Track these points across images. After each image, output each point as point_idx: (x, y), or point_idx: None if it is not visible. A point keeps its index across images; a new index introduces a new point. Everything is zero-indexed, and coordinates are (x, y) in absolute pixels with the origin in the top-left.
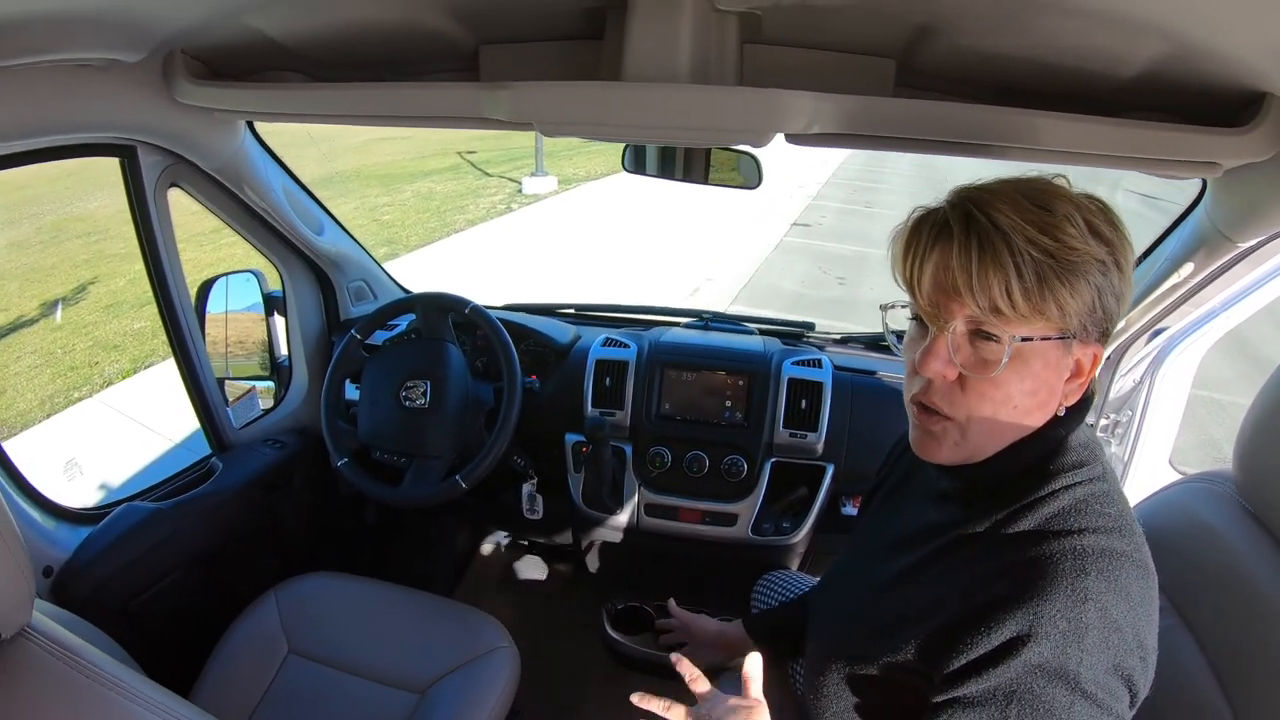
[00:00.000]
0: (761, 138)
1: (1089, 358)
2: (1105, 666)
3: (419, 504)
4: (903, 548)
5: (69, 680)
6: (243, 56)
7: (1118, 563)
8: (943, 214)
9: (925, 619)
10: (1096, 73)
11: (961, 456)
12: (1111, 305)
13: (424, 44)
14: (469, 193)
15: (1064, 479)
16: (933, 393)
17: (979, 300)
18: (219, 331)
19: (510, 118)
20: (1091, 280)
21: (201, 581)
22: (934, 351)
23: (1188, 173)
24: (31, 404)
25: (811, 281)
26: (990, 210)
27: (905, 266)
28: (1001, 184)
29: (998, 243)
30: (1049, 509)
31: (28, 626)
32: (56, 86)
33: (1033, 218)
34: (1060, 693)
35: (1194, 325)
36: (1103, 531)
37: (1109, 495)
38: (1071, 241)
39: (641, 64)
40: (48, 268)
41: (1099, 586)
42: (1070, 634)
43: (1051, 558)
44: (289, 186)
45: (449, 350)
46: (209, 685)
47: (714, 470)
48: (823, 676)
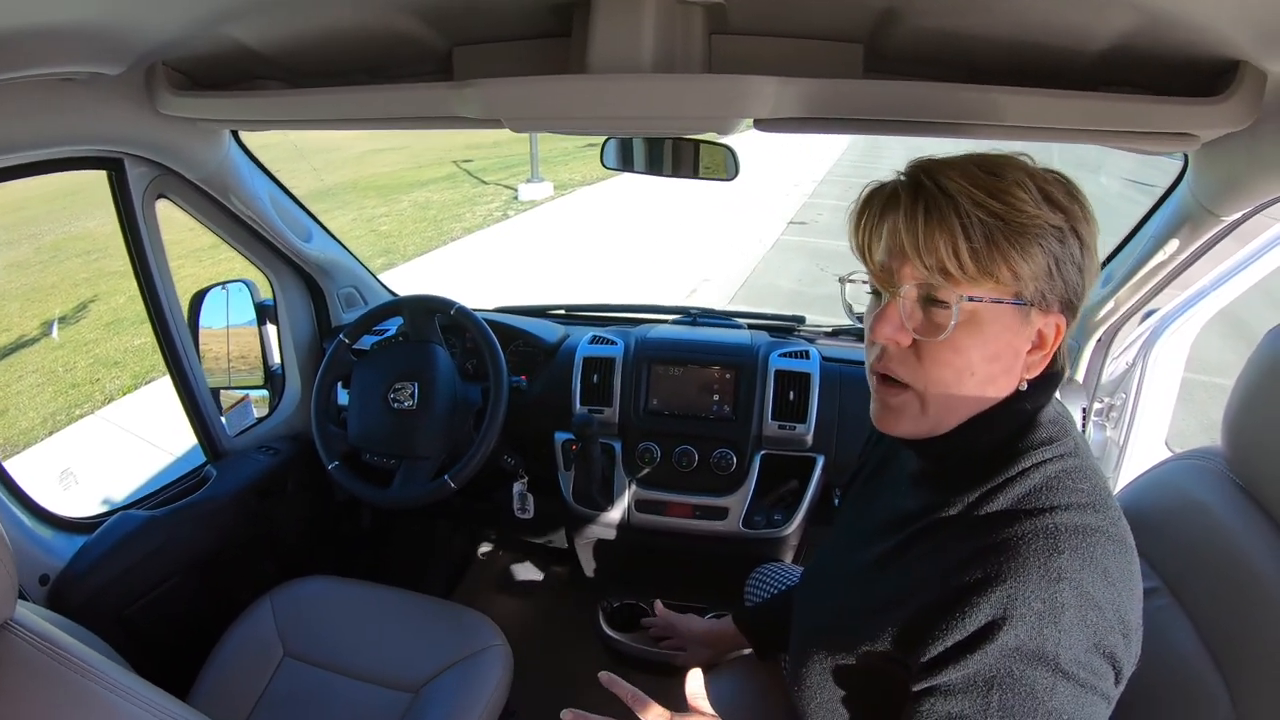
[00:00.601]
0: (727, 124)
1: (1051, 328)
2: (1085, 645)
3: (409, 504)
4: (879, 535)
5: (54, 674)
6: (223, 66)
7: (1092, 539)
8: (893, 184)
9: (901, 606)
10: (1067, 49)
11: (923, 429)
12: (1073, 276)
13: (398, 48)
14: (465, 201)
15: (1034, 456)
16: (890, 360)
17: (926, 260)
18: (212, 342)
19: (479, 114)
20: (1046, 246)
21: (197, 588)
22: (885, 316)
23: (1167, 146)
24: (34, 422)
25: (809, 279)
26: (938, 176)
27: (858, 236)
28: (956, 156)
29: (944, 205)
30: (1020, 488)
31: (12, 620)
32: (39, 101)
33: (981, 183)
34: (1041, 675)
35: (1185, 305)
36: (1075, 508)
37: (1081, 471)
38: (1021, 205)
39: (605, 56)
40: (48, 287)
41: (1073, 564)
42: (1046, 614)
43: (1023, 538)
44: (276, 195)
45: (436, 352)
46: (205, 689)
47: (703, 464)
48: (805, 668)
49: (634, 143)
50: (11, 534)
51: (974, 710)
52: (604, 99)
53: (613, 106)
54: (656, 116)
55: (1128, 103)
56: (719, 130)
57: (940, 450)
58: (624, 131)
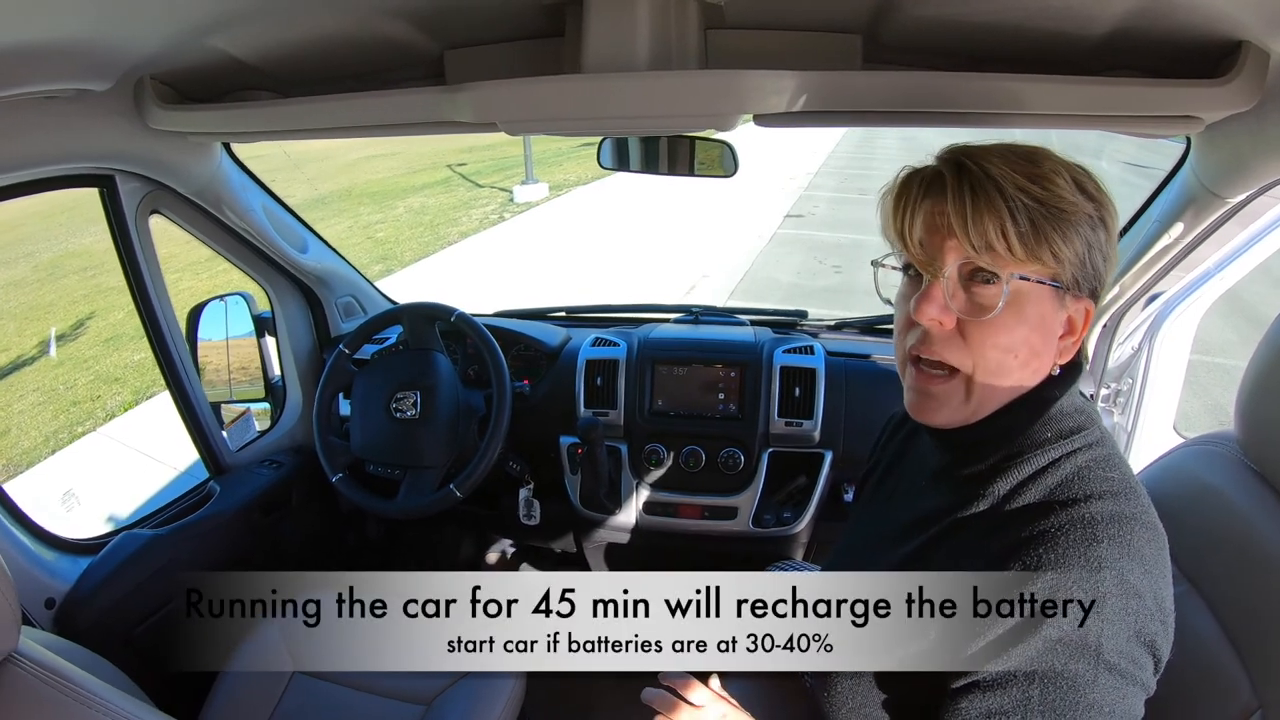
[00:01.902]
0: (726, 121)
1: (1080, 314)
2: (1127, 634)
3: (415, 515)
4: (901, 537)
5: (60, 707)
6: (211, 79)
7: (1129, 527)
8: (933, 168)
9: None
10: (1068, 34)
11: (962, 417)
12: (1100, 264)
13: (389, 54)
14: (461, 205)
15: (1063, 446)
16: (933, 343)
17: (974, 239)
18: (211, 356)
19: (473, 119)
20: (1082, 233)
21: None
22: (930, 296)
23: (1170, 129)
24: (36, 441)
25: (808, 272)
26: (981, 161)
27: (896, 219)
28: (991, 144)
29: (990, 189)
30: (1052, 479)
31: (15, 652)
32: (27, 120)
33: (1022, 169)
34: (1083, 667)
35: (1189, 288)
36: (1109, 496)
37: (1109, 460)
38: (1061, 192)
39: (600, 55)
40: (46, 305)
41: (1113, 553)
42: (1088, 605)
43: (1061, 528)
44: (270, 206)
45: (437, 359)
46: (215, 709)
47: (711, 464)
48: (835, 675)
49: (630, 142)
50: (15, 558)
51: (1014, 705)
52: (600, 99)
53: (609, 106)
54: (654, 115)
55: (1131, 86)
56: (718, 127)
57: (971, 439)
58: (621, 131)
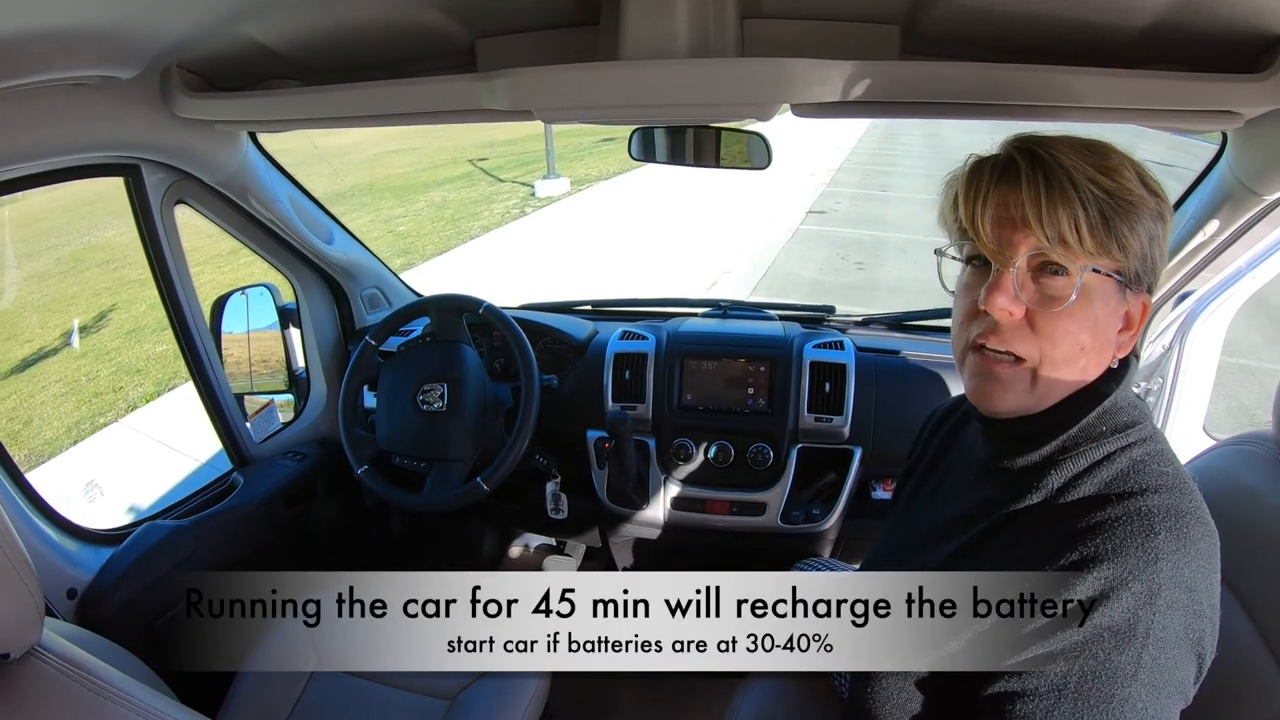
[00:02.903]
0: (766, 110)
1: (1139, 308)
2: (1176, 631)
3: (441, 508)
4: (948, 532)
5: (81, 699)
6: (239, 67)
7: (1185, 521)
8: (1004, 155)
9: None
10: (1108, 25)
11: (1025, 405)
12: (1157, 258)
13: (420, 42)
14: (482, 199)
15: (1117, 440)
16: (1004, 333)
17: (1048, 231)
18: (235, 347)
19: (508, 106)
20: (1146, 226)
21: None
22: (1000, 286)
23: (1208, 124)
24: (58, 432)
25: (830, 268)
26: (1053, 150)
27: (966, 207)
28: (1057, 134)
29: (1063, 180)
30: (1106, 473)
31: (39, 645)
32: (53, 108)
33: (1092, 160)
34: (1125, 660)
35: (1220, 288)
36: (1165, 490)
37: (1163, 455)
38: (1129, 184)
39: (638, 42)
40: (68, 297)
41: (1170, 545)
42: (1143, 596)
43: (1118, 520)
44: (295, 196)
45: (464, 352)
46: (238, 702)
47: (740, 459)
48: (878, 675)
49: (657, 133)
50: (37, 548)
51: (1048, 688)
52: (639, 86)
53: (649, 94)
54: (695, 104)
55: (1169, 80)
56: (759, 116)
57: (1025, 430)
58: (659, 120)
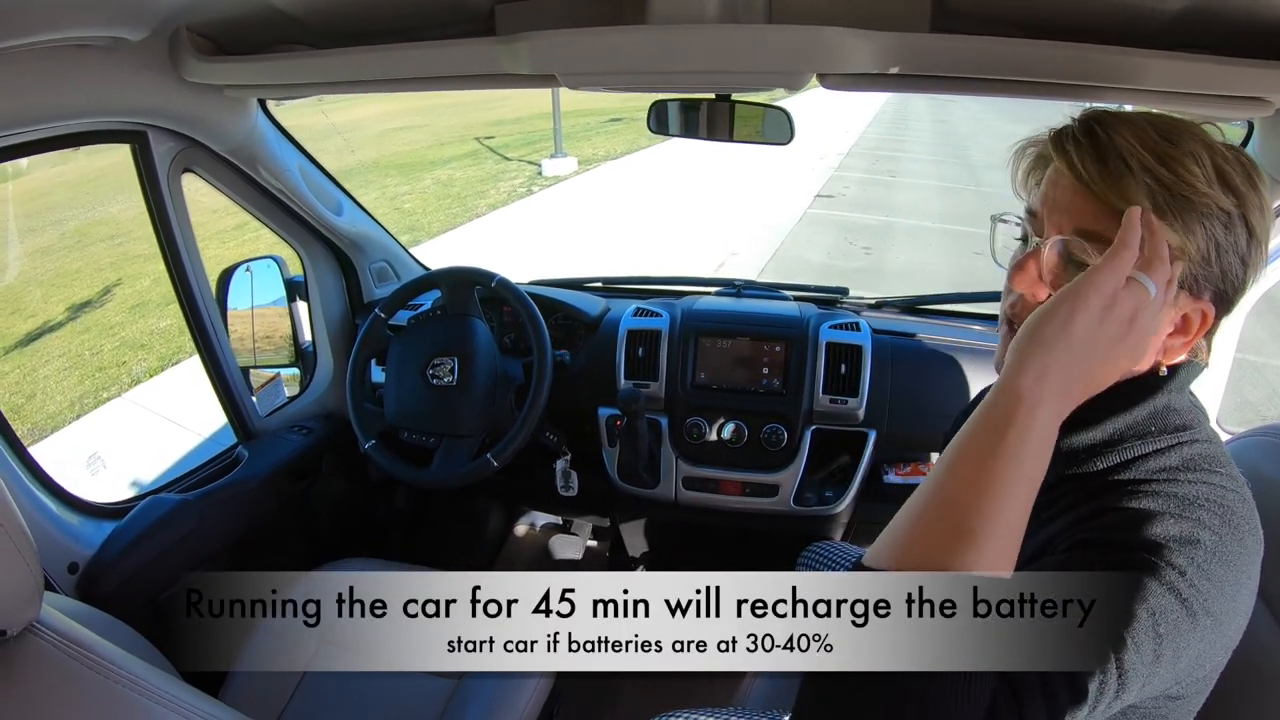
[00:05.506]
0: (796, 80)
1: (1198, 314)
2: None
3: (450, 484)
4: None
5: (81, 677)
6: (251, 30)
7: (1233, 513)
8: (1069, 129)
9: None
10: (1140, 7)
11: None
12: (1234, 267)
13: (437, 6)
14: (489, 177)
15: (1173, 437)
16: (1028, 311)
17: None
18: (241, 320)
19: (531, 70)
20: (1209, 228)
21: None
22: (1023, 267)
23: (1236, 111)
24: (61, 405)
25: (838, 253)
26: (1112, 130)
27: (1017, 180)
28: (1135, 111)
29: (1117, 163)
30: (1154, 463)
31: (37, 622)
32: (59, 70)
33: (1154, 146)
34: (1154, 580)
35: None
36: (1215, 485)
37: (1219, 458)
38: (1191, 179)
39: (667, 5)
40: (73, 272)
41: (1213, 520)
42: (1181, 540)
43: (1159, 495)
44: (305, 167)
45: (476, 326)
46: (241, 678)
47: (753, 440)
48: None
49: (678, 106)
50: (39, 522)
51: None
52: (667, 51)
53: (678, 59)
54: (724, 70)
55: (1198, 64)
56: (788, 86)
57: (1077, 414)
58: (686, 87)
